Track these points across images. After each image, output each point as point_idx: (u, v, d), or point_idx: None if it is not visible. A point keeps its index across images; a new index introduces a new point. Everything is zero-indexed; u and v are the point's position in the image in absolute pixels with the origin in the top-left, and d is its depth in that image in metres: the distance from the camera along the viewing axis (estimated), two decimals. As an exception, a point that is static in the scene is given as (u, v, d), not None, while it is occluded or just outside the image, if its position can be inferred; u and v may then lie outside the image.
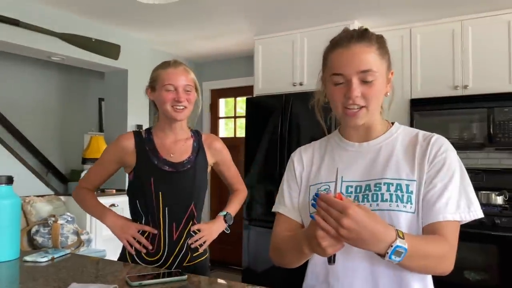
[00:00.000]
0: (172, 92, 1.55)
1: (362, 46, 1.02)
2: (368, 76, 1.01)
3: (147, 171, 1.56)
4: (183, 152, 1.62)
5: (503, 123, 3.11)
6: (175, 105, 1.55)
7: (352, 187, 1.05)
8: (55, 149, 4.91)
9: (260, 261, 3.58)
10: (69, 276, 1.32)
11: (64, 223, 3.17)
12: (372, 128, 1.11)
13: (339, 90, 1.03)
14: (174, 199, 1.57)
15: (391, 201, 0.99)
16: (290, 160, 1.22)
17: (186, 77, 1.58)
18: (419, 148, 1.05)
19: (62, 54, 3.45)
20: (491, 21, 3.25)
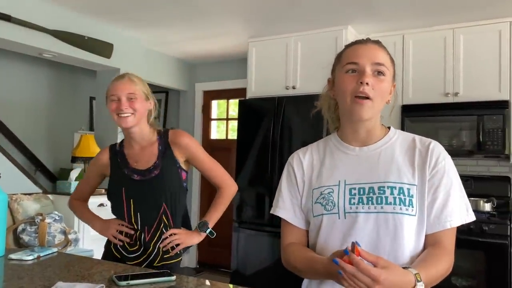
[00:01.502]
0: (116, 102, 1.63)
1: (378, 46, 1.11)
2: (381, 68, 1.07)
3: (118, 181, 1.69)
4: (148, 158, 1.67)
5: (492, 131, 3.14)
6: (119, 113, 1.62)
7: (355, 189, 1.08)
8: (44, 147, 4.86)
9: (249, 263, 3.57)
10: (55, 275, 1.31)
11: (52, 222, 3.14)
12: (371, 133, 1.14)
13: (352, 78, 1.07)
14: (144, 204, 1.66)
15: (395, 204, 1.03)
16: (289, 165, 1.23)
17: (130, 87, 1.63)
18: (418, 153, 1.10)
19: (54, 51, 3.42)
20: (482, 30, 3.30)
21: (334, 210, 1.08)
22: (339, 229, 1.07)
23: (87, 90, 5.25)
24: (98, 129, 4.12)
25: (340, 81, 1.10)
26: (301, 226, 1.19)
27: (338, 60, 1.15)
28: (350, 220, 1.06)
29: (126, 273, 1.32)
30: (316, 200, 1.12)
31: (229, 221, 3.77)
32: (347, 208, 1.07)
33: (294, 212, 1.19)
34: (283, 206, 1.20)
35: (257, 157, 3.60)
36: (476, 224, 2.93)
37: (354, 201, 1.06)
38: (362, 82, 1.04)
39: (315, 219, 1.12)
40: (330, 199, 1.09)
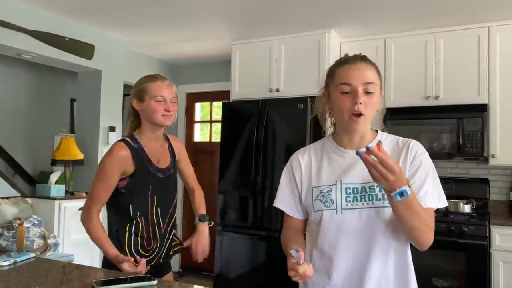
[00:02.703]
0: (162, 102, 1.70)
1: (365, 64, 1.27)
2: (370, 87, 1.23)
3: (146, 180, 1.70)
4: (166, 157, 1.81)
5: (471, 133, 3.20)
6: (165, 114, 1.70)
7: (350, 189, 1.25)
8: (23, 150, 4.76)
9: (233, 267, 3.55)
10: (32, 281, 1.27)
11: (30, 226, 3.06)
12: (364, 138, 1.31)
13: (347, 98, 1.23)
14: (164, 200, 1.77)
15: (384, 199, 1.21)
16: (289, 164, 1.41)
17: (172, 90, 1.76)
18: (401, 152, 1.28)
19: (33, 52, 3.35)
20: (462, 35, 3.36)
21: (333, 207, 1.25)
22: (337, 222, 1.25)
23: (68, 91, 5.17)
24: (79, 131, 4.06)
25: (336, 100, 1.26)
26: (297, 216, 1.38)
27: (331, 78, 1.31)
28: (347, 215, 1.24)
29: (106, 278, 1.30)
30: (316, 197, 1.29)
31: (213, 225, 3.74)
32: (343, 205, 1.25)
33: (291, 205, 1.38)
34: (282, 199, 1.40)
35: (241, 160, 3.59)
36: (456, 226, 2.97)
37: (349, 199, 1.24)
38: (356, 102, 1.21)
39: (316, 213, 1.30)
40: (329, 197, 1.26)
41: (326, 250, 1.27)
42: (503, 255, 2.89)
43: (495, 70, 3.23)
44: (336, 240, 1.25)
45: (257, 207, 3.48)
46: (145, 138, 1.75)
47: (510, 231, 2.90)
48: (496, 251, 2.91)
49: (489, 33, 3.27)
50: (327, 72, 1.35)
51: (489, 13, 3.13)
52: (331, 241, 1.25)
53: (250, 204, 3.51)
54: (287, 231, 1.39)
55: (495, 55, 3.24)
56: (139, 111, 1.74)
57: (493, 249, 2.91)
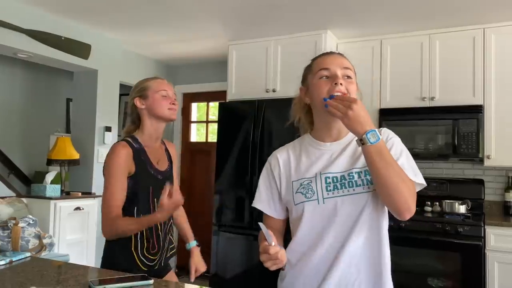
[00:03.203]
0: (167, 97, 1.75)
1: (341, 56, 1.32)
2: (349, 72, 1.26)
3: (146, 181, 1.69)
4: (164, 159, 1.81)
5: (466, 134, 3.22)
6: (170, 107, 1.74)
7: (329, 178, 1.26)
8: (19, 150, 4.74)
9: (229, 267, 3.55)
10: (27, 280, 1.27)
11: (26, 226, 3.05)
12: (341, 130, 1.31)
13: (326, 82, 1.25)
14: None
15: (364, 184, 1.23)
16: (267, 163, 1.40)
17: (172, 88, 1.82)
18: None
19: (29, 51, 3.34)
20: (457, 36, 3.38)
21: (314, 197, 1.25)
22: (320, 212, 1.25)
23: (64, 91, 5.15)
24: (74, 131, 4.04)
25: (315, 87, 1.27)
26: (276, 216, 1.37)
27: (309, 70, 1.33)
28: (329, 204, 1.24)
29: (102, 277, 1.30)
30: (296, 190, 1.29)
31: (209, 225, 3.74)
32: (325, 194, 1.25)
33: (269, 204, 1.37)
34: (259, 199, 1.39)
35: (237, 160, 3.59)
36: (451, 226, 2.99)
37: (330, 188, 1.25)
38: (336, 83, 1.22)
39: (297, 207, 1.28)
40: (310, 188, 1.26)
41: (307, 240, 1.26)
42: (498, 255, 2.90)
43: (490, 71, 3.25)
44: (320, 229, 1.24)
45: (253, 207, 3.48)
46: (146, 137, 1.73)
47: (504, 232, 2.91)
48: (491, 252, 2.92)
49: (485, 34, 3.29)
50: (304, 70, 1.37)
51: (484, 14, 3.15)
52: (314, 231, 1.25)
53: (246, 204, 3.51)
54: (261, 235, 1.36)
55: (490, 57, 3.26)
56: (143, 110, 1.72)
57: (488, 249, 2.93)
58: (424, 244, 3.03)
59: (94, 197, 3.68)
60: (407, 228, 3.02)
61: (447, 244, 2.99)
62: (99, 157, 3.91)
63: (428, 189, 3.55)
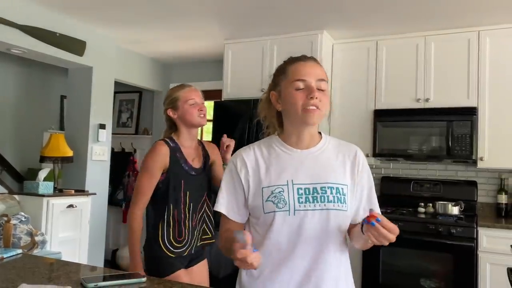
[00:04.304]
0: (195, 105, 1.96)
1: (316, 64, 1.30)
2: (323, 84, 1.26)
3: (178, 175, 1.91)
4: (199, 158, 2.02)
5: (460, 136, 3.23)
6: (200, 115, 1.96)
7: (302, 189, 1.23)
8: (12, 146, 4.70)
9: (223, 266, 3.54)
10: (18, 277, 1.26)
11: (18, 223, 3.03)
12: (313, 137, 1.32)
13: (301, 94, 1.24)
14: (195, 196, 1.96)
15: (334, 202, 1.23)
16: (232, 164, 1.33)
17: (200, 93, 2.04)
18: (347, 157, 1.32)
19: (23, 47, 3.31)
20: (453, 38, 3.39)
21: (285, 208, 1.22)
22: (290, 223, 1.22)
23: (58, 88, 5.11)
24: (68, 128, 4.02)
25: (290, 97, 1.25)
26: (238, 220, 1.32)
27: (283, 76, 1.29)
28: (299, 216, 1.22)
29: (95, 274, 1.29)
30: (267, 198, 1.24)
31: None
32: (296, 206, 1.22)
33: (232, 208, 1.31)
34: (224, 202, 1.32)
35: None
36: (444, 227, 3.00)
37: (302, 200, 1.22)
38: (312, 97, 1.22)
39: (266, 215, 1.24)
40: (282, 197, 1.22)
41: (275, 253, 1.23)
42: (490, 256, 2.92)
43: (484, 73, 3.27)
44: (288, 243, 1.22)
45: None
46: (182, 139, 1.98)
47: (497, 233, 2.93)
48: (483, 253, 2.94)
49: (479, 37, 3.31)
50: (275, 71, 1.34)
51: (479, 17, 3.17)
52: (283, 243, 1.22)
53: (240, 204, 3.50)
54: (226, 233, 1.30)
55: (484, 59, 3.28)
56: (176, 119, 1.97)
57: (480, 250, 2.95)
58: (417, 245, 3.04)
59: (87, 195, 3.66)
60: (400, 229, 3.02)
61: (440, 245, 3.00)
62: (93, 154, 3.89)
63: (422, 190, 3.57)
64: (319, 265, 1.22)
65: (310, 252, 1.22)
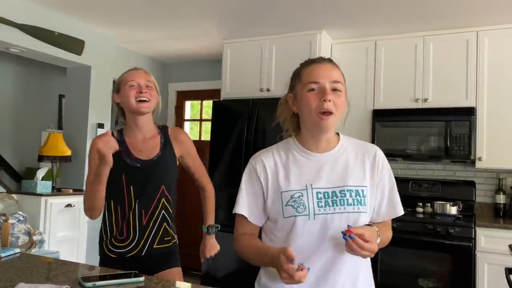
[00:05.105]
0: (135, 87, 1.71)
1: (332, 65, 1.28)
2: (338, 86, 1.24)
3: (118, 168, 1.68)
4: (152, 149, 1.76)
5: (458, 136, 3.24)
6: (138, 97, 1.70)
7: (321, 193, 1.24)
8: (10, 145, 4.69)
9: (221, 266, 3.54)
10: (17, 276, 1.25)
11: (16, 222, 3.02)
12: (330, 140, 1.31)
13: (315, 96, 1.23)
14: (144, 189, 1.71)
15: (354, 205, 1.23)
16: (251, 167, 1.33)
17: (147, 77, 1.77)
18: (366, 158, 1.31)
19: (22, 46, 3.30)
20: (451, 39, 3.40)
21: (305, 212, 1.22)
22: (310, 228, 1.22)
23: (57, 87, 5.10)
24: (67, 127, 4.01)
25: (304, 99, 1.25)
26: (257, 223, 1.32)
27: (298, 79, 1.30)
28: (319, 220, 1.22)
29: (93, 274, 1.29)
30: (287, 203, 1.24)
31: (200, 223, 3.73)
32: (316, 210, 1.22)
33: (252, 210, 1.31)
34: (244, 205, 1.31)
35: (230, 159, 3.58)
36: (442, 227, 3.01)
37: (321, 204, 1.23)
38: (325, 99, 1.21)
39: (286, 220, 1.24)
40: (301, 202, 1.23)
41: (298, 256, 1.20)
42: (488, 256, 2.93)
43: (483, 74, 3.28)
44: (309, 246, 1.22)
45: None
46: (128, 129, 1.77)
47: (495, 233, 2.94)
48: (481, 253, 2.94)
49: (478, 37, 3.31)
50: (292, 75, 1.34)
51: (478, 18, 3.18)
52: (304, 247, 1.22)
53: (238, 203, 3.50)
54: (248, 239, 1.31)
55: (483, 59, 3.28)
56: (121, 104, 1.77)
57: (478, 250, 2.95)
58: (415, 245, 3.05)
59: (85, 194, 3.65)
60: (398, 229, 3.03)
61: (438, 245, 3.00)
62: (91, 154, 3.88)
63: (420, 190, 3.57)
64: (337, 266, 1.22)
65: (330, 254, 1.23)
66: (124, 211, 1.70)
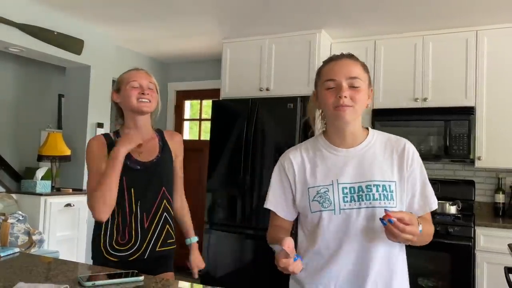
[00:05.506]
0: (137, 88, 1.69)
1: (351, 60, 1.29)
2: (355, 82, 1.25)
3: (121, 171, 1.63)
4: (151, 151, 1.73)
5: (458, 136, 3.24)
6: (140, 97, 1.67)
7: (347, 189, 1.26)
8: (9, 145, 4.69)
9: (220, 265, 3.54)
10: (16, 276, 1.25)
11: (15, 222, 3.02)
12: (355, 135, 1.31)
13: (331, 93, 1.25)
14: (144, 194, 1.68)
15: (380, 199, 1.24)
16: (280, 164, 1.38)
17: (149, 78, 1.75)
18: (395, 152, 1.31)
19: (21, 45, 3.30)
20: (451, 38, 3.40)
21: (331, 207, 1.25)
22: (336, 222, 1.25)
23: (56, 87, 5.10)
24: (66, 127, 4.01)
25: (322, 96, 1.28)
26: (287, 218, 1.37)
27: (318, 76, 1.33)
28: (345, 215, 1.25)
29: (92, 273, 1.29)
30: (313, 198, 1.28)
31: (200, 223, 3.73)
32: (341, 205, 1.25)
33: (282, 206, 1.36)
34: (273, 200, 1.37)
35: (230, 159, 3.58)
36: (442, 226, 3.01)
37: (347, 199, 1.25)
38: (340, 96, 1.23)
39: (313, 214, 1.28)
40: (327, 197, 1.26)
41: (323, 250, 1.27)
42: (487, 256, 2.93)
43: (482, 73, 3.28)
44: (335, 240, 1.25)
45: (245, 206, 3.48)
46: (126, 130, 1.72)
47: (494, 233, 2.94)
48: (480, 252, 2.95)
49: (477, 37, 3.32)
50: (316, 73, 1.37)
51: (477, 17, 3.18)
52: (330, 241, 1.26)
53: (238, 203, 3.50)
54: (274, 229, 1.37)
55: (482, 59, 3.29)
56: (119, 104, 1.74)
57: (478, 250, 2.95)
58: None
59: (85, 194, 3.65)
60: (398, 228, 3.03)
61: (438, 244, 3.00)
62: (91, 153, 3.87)
63: (420, 190, 3.57)
64: (366, 262, 1.23)
65: (357, 249, 1.24)
66: (125, 215, 1.65)
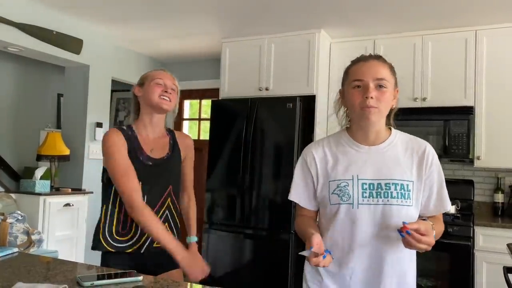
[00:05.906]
0: (161, 85, 1.74)
1: (378, 62, 1.35)
2: (382, 83, 1.30)
3: (133, 166, 1.66)
4: (162, 148, 1.78)
5: (457, 135, 3.24)
6: (162, 95, 1.72)
7: (366, 185, 1.30)
8: (8, 145, 4.69)
9: (220, 265, 3.54)
10: (14, 276, 1.25)
11: (14, 222, 3.02)
12: (379, 134, 1.36)
13: (358, 93, 1.30)
14: (151, 189, 1.71)
15: (398, 198, 1.28)
16: (303, 159, 1.43)
17: (173, 80, 1.80)
18: (415, 154, 1.36)
19: (20, 45, 3.30)
20: (450, 38, 3.40)
21: (349, 201, 1.30)
22: (352, 216, 1.30)
23: (55, 86, 5.10)
24: (65, 127, 4.01)
25: (349, 96, 1.33)
26: (310, 208, 1.43)
27: (346, 75, 1.38)
28: (362, 209, 1.29)
29: (91, 273, 1.29)
30: (333, 191, 1.33)
31: (200, 222, 3.73)
32: (360, 200, 1.29)
33: (304, 199, 1.42)
34: (296, 192, 1.43)
35: (229, 158, 3.58)
36: (441, 226, 3.01)
37: (366, 195, 1.29)
38: (367, 96, 1.27)
39: (332, 206, 1.33)
40: (346, 191, 1.30)
41: (340, 242, 1.32)
42: (486, 255, 2.93)
43: (481, 73, 3.28)
44: (350, 233, 1.30)
45: (245, 205, 3.48)
46: (141, 125, 1.76)
47: (493, 232, 2.94)
48: (480, 252, 2.95)
49: (476, 36, 3.32)
50: (344, 71, 1.42)
51: (476, 17, 3.18)
52: (346, 233, 1.30)
53: (237, 203, 3.50)
54: (301, 219, 1.43)
55: (482, 59, 3.29)
56: (140, 98, 1.78)
57: (477, 249, 2.96)
58: (414, 243, 3.04)
59: (84, 194, 3.66)
60: (397, 227, 3.03)
61: (437, 244, 2.96)
62: (90, 153, 3.88)
63: (419, 189, 3.57)
64: (381, 255, 1.28)
65: (373, 243, 1.29)
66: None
